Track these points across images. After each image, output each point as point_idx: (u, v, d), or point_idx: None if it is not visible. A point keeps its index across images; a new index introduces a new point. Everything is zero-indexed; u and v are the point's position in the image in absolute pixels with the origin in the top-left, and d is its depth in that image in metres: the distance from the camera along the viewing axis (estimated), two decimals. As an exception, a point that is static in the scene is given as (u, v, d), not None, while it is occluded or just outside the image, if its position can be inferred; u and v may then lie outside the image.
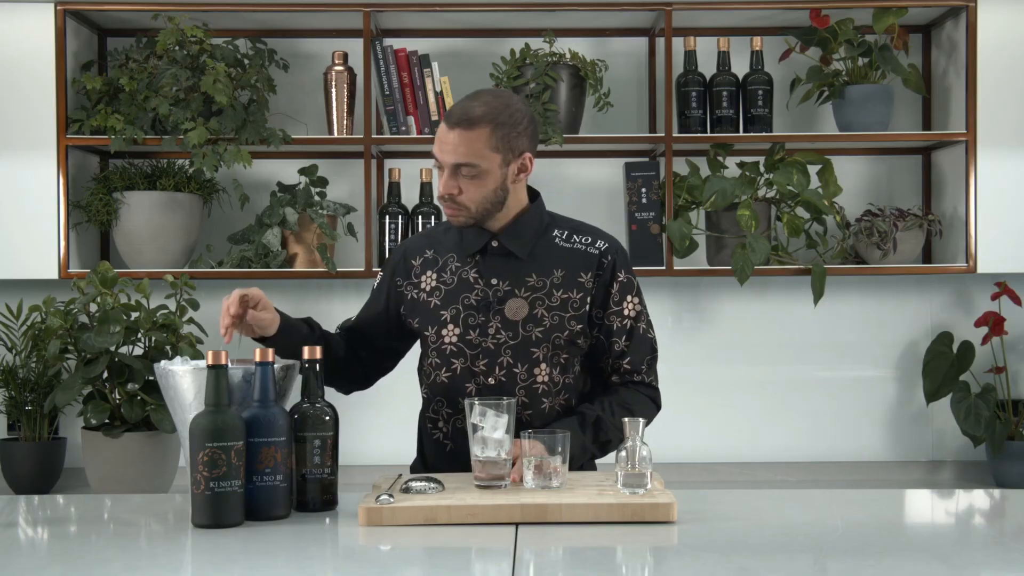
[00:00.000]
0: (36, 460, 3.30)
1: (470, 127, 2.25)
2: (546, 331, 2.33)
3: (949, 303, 3.67)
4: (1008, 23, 3.38)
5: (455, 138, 2.25)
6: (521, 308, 2.33)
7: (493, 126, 2.26)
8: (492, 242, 2.36)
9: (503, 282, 2.35)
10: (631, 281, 2.41)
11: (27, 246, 3.35)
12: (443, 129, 2.27)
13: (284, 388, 2.06)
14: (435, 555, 1.80)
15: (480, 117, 2.25)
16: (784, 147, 3.45)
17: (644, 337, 2.41)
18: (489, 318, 2.34)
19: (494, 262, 2.36)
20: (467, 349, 2.34)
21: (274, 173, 3.59)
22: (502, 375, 2.33)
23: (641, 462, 2.00)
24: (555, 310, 2.34)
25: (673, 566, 1.76)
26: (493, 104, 2.28)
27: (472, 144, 2.25)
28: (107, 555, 1.80)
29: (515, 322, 2.33)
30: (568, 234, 2.41)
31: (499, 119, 2.27)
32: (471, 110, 2.26)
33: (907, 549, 1.82)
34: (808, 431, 3.67)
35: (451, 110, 2.28)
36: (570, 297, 2.35)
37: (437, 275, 2.39)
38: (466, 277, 2.37)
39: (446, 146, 2.27)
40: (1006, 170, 3.39)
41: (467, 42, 3.65)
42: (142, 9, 3.37)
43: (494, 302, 2.34)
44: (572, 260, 2.37)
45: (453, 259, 2.39)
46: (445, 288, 2.37)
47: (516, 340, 2.33)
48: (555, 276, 2.35)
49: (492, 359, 2.33)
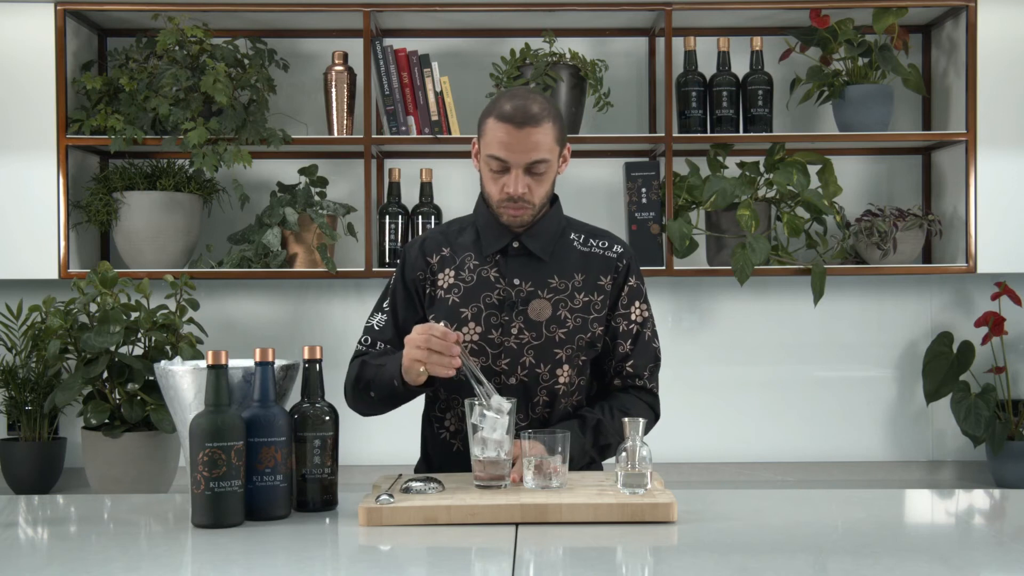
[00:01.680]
0: (36, 460, 3.30)
1: (538, 124, 2.26)
2: (569, 332, 2.34)
3: (949, 303, 3.67)
4: (1008, 23, 3.38)
5: (527, 137, 2.25)
6: (544, 309, 2.34)
7: (553, 119, 2.29)
8: (513, 243, 2.36)
9: (526, 283, 2.35)
10: (640, 288, 2.43)
11: (27, 246, 3.35)
12: (509, 130, 2.25)
13: (284, 388, 2.06)
14: (435, 555, 1.80)
15: (541, 113, 2.27)
16: (784, 147, 3.45)
17: (649, 344, 2.42)
18: (512, 318, 2.34)
19: (516, 262, 2.37)
20: (488, 348, 2.34)
21: (274, 173, 3.60)
22: (524, 375, 2.34)
23: (641, 462, 2.00)
24: (578, 312, 2.35)
25: (673, 566, 1.76)
26: (540, 100, 2.30)
27: (544, 140, 2.27)
28: (107, 555, 1.80)
29: (538, 323, 2.33)
30: (585, 237, 2.43)
31: (554, 113, 2.30)
32: (530, 108, 2.26)
33: (907, 549, 1.82)
34: (808, 431, 3.67)
35: (506, 112, 2.26)
36: (592, 300, 2.36)
37: (455, 273, 2.38)
38: (486, 276, 2.36)
39: (518, 145, 2.25)
40: (1006, 170, 3.39)
41: (467, 42, 3.65)
42: (142, 9, 3.37)
43: (517, 302, 2.34)
44: (592, 263, 2.39)
45: (471, 258, 2.39)
46: (464, 286, 2.37)
47: (539, 341, 2.33)
48: (576, 279, 2.37)
49: (514, 359, 2.33)
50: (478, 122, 2.35)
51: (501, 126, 2.26)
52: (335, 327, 3.62)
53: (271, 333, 3.61)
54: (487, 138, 2.29)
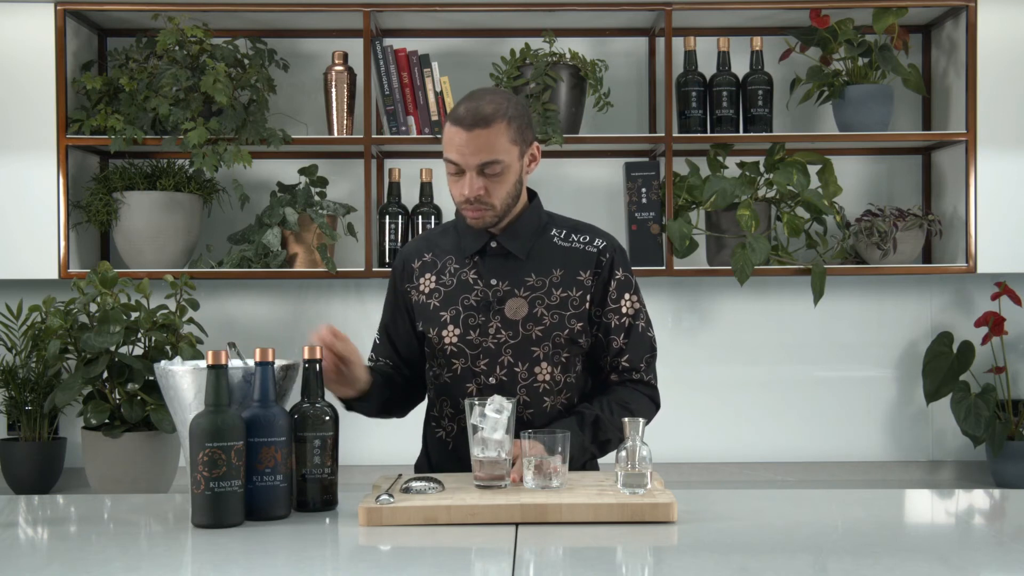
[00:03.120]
0: (36, 460, 3.30)
1: (487, 125, 2.25)
2: (546, 330, 2.33)
3: (949, 303, 3.67)
4: (1008, 23, 3.38)
5: (476, 139, 2.24)
6: (521, 307, 2.34)
7: (507, 120, 2.27)
8: (491, 243, 2.37)
9: (503, 282, 2.35)
10: (629, 279, 2.41)
11: (27, 246, 3.35)
12: (457, 133, 2.25)
13: (284, 388, 2.06)
14: (435, 555, 1.80)
15: (493, 113, 2.25)
16: (784, 147, 3.45)
17: (643, 335, 2.41)
18: (489, 318, 2.34)
19: (493, 263, 2.37)
20: (467, 349, 2.34)
21: (274, 173, 3.60)
22: (503, 374, 2.33)
23: (641, 462, 2.00)
24: (555, 309, 2.34)
25: (673, 566, 1.76)
26: (498, 99, 2.28)
27: (494, 141, 2.25)
28: (107, 555, 1.80)
29: (515, 321, 2.33)
30: (566, 233, 2.42)
31: (510, 112, 2.28)
32: (481, 109, 2.25)
33: (907, 549, 1.82)
34: (808, 431, 3.67)
35: (458, 114, 2.26)
36: (570, 295, 2.35)
37: (436, 277, 2.40)
38: (465, 278, 2.37)
39: (467, 148, 2.25)
40: (1006, 170, 3.39)
41: (467, 42, 3.65)
42: (142, 9, 3.37)
43: (494, 302, 2.34)
44: (571, 259, 2.38)
45: (452, 261, 2.40)
46: (444, 289, 2.38)
47: (516, 339, 2.33)
48: (554, 275, 2.36)
49: (493, 359, 2.34)
50: None
51: (452, 128, 2.27)
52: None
53: (271, 333, 3.61)
54: (444, 140, 2.29)
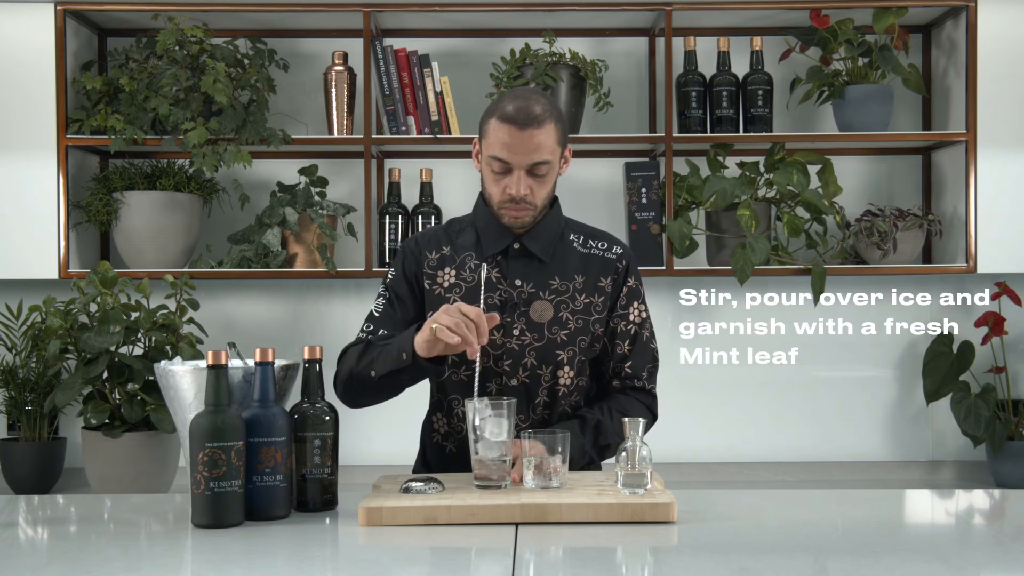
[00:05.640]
0: (36, 460, 3.30)
1: (540, 125, 2.24)
2: (571, 334, 2.34)
3: (949, 303, 3.67)
4: (1008, 23, 3.38)
5: (529, 138, 2.24)
6: (546, 310, 2.34)
7: (555, 121, 2.28)
8: (514, 244, 2.36)
9: (527, 284, 2.35)
10: (638, 288, 2.43)
11: (27, 246, 3.35)
12: (509, 132, 2.24)
13: (284, 388, 2.06)
14: (435, 555, 1.80)
15: (544, 114, 2.25)
16: (784, 147, 3.45)
17: (647, 345, 2.42)
18: (514, 319, 2.33)
19: (517, 264, 2.36)
20: (490, 349, 2.33)
21: (274, 173, 3.60)
22: (525, 376, 2.33)
23: (641, 462, 2.00)
24: (579, 314, 2.35)
25: (673, 566, 1.76)
26: (543, 100, 2.29)
27: (546, 141, 2.26)
28: (107, 555, 1.80)
29: (540, 324, 2.33)
30: (584, 239, 2.42)
31: (556, 114, 2.29)
32: (532, 109, 2.25)
33: (907, 549, 1.82)
34: (808, 431, 3.67)
35: (509, 113, 2.24)
36: (592, 301, 2.36)
37: (456, 272, 2.38)
38: (488, 276, 2.36)
39: (521, 147, 2.24)
40: (1006, 170, 3.39)
41: (467, 42, 3.65)
42: (142, 9, 3.37)
43: (519, 303, 2.34)
44: (592, 265, 2.39)
45: (471, 258, 2.38)
46: (465, 285, 2.36)
47: (541, 342, 2.33)
48: (577, 280, 2.37)
49: (516, 360, 2.33)
50: (480, 122, 2.34)
51: (503, 127, 2.25)
52: (335, 327, 3.61)
53: (271, 333, 3.61)
54: (489, 139, 2.28)
